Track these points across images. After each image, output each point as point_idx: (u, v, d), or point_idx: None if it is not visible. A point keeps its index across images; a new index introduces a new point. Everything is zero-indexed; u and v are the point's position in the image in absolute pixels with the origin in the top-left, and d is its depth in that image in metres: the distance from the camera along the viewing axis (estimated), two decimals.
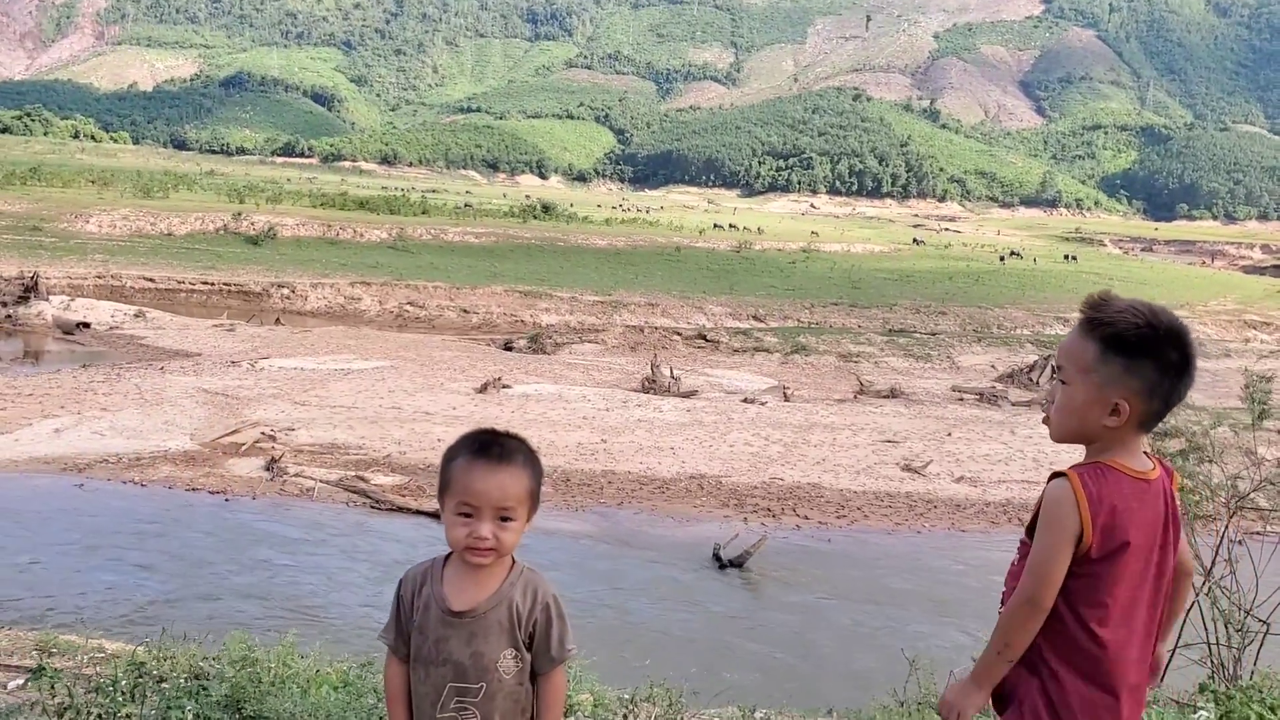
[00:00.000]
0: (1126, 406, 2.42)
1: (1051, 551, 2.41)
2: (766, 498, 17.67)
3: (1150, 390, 2.42)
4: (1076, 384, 2.47)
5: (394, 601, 2.62)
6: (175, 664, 4.79)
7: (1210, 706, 5.01)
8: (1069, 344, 2.52)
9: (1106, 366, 2.43)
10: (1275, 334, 45.82)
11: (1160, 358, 2.41)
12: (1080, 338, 2.48)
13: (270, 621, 10.55)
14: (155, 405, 20.95)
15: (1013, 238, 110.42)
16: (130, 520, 14.60)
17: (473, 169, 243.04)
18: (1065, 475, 2.44)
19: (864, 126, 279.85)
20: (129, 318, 33.19)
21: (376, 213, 67.95)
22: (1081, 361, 2.46)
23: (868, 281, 55.04)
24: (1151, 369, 2.41)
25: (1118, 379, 2.42)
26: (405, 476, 17.25)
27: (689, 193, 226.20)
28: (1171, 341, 2.42)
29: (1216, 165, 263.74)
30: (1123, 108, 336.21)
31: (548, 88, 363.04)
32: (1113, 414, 2.43)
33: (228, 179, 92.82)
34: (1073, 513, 2.39)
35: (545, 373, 28.55)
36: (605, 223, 78.99)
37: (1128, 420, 2.44)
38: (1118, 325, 2.42)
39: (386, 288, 42.33)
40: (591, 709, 4.86)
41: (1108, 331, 2.43)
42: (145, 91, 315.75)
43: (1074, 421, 2.49)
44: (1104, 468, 2.45)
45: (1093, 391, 2.44)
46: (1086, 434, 2.49)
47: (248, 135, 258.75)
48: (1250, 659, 5.81)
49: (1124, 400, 2.42)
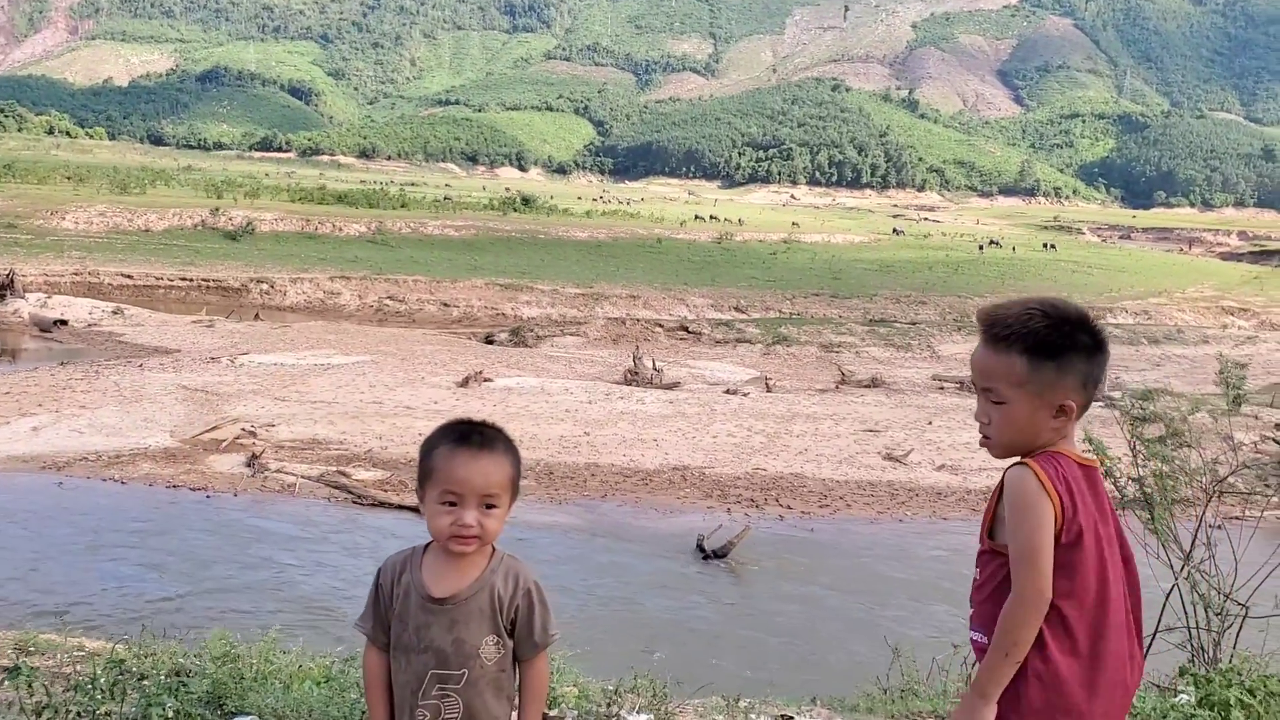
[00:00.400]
0: (1073, 405, 2.44)
1: (1038, 537, 2.37)
2: (749, 488, 17.70)
3: (1084, 381, 2.45)
4: (1015, 400, 2.45)
5: (372, 590, 2.62)
6: (156, 661, 4.76)
7: (1190, 690, 5.05)
8: (990, 364, 2.49)
9: (1040, 374, 2.43)
10: (1252, 320, 46.20)
11: (1081, 347, 2.44)
12: (1000, 354, 2.46)
13: (287, 619, 10.53)
14: (134, 402, 20.82)
15: (992, 227, 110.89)
16: (123, 519, 14.50)
17: (451, 162, 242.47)
18: (1023, 463, 2.43)
19: (843, 117, 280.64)
20: (107, 315, 32.95)
21: (355, 207, 67.68)
22: (1013, 377, 2.45)
23: (848, 272, 55.17)
24: (1079, 360, 2.44)
25: (1054, 382, 2.43)
26: (387, 471, 17.20)
27: (669, 184, 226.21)
28: (1082, 328, 2.45)
29: (1193, 153, 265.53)
30: (1100, 96, 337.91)
31: (526, 80, 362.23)
32: (1059, 415, 2.45)
33: (205, 174, 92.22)
34: (1042, 494, 2.37)
35: (527, 366, 28.51)
36: (586, 215, 78.87)
37: (1074, 416, 2.46)
38: (1036, 332, 2.43)
39: (366, 282, 42.18)
40: (575, 700, 4.86)
41: (1029, 342, 2.43)
42: (120, 87, 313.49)
43: (1022, 436, 2.48)
44: (1053, 454, 2.45)
45: (1034, 401, 2.44)
46: (1035, 443, 2.48)
47: (225, 130, 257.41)
48: (1229, 642, 5.85)
49: (1068, 400, 2.44)
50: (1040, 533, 2.36)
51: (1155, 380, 29.37)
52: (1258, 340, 41.25)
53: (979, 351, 2.52)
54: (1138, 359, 36.03)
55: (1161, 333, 41.48)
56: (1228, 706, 4.67)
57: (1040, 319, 2.43)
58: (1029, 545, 2.37)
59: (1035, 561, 2.36)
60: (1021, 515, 2.39)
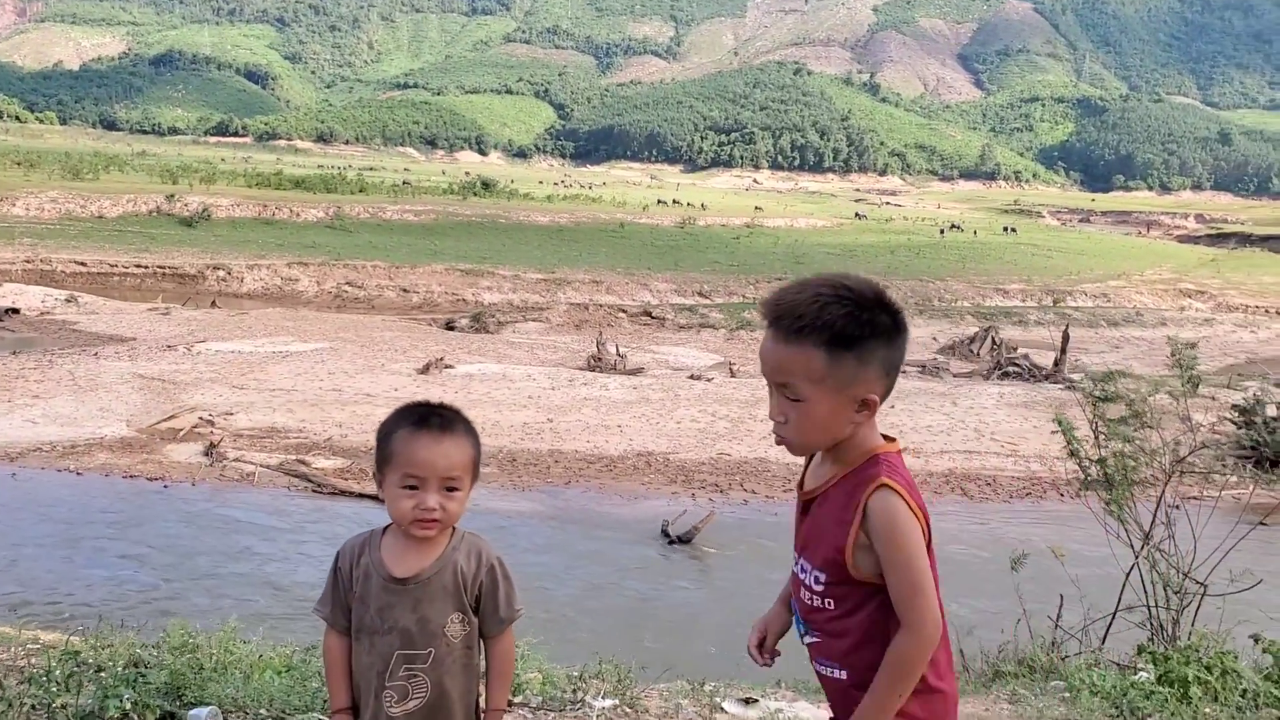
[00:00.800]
0: (875, 398, 2.24)
1: (922, 563, 2.19)
2: (714, 473, 17.73)
3: (885, 368, 2.25)
4: (815, 398, 2.21)
5: (330, 574, 2.59)
6: (113, 653, 4.68)
7: (1149, 667, 5.11)
8: (784, 358, 2.22)
9: (840, 368, 2.19)
10: (1209, 302, 46.87)
11: (881, 332, 2.22)
12: (794, 348, 2.20)
13: (284, 609, 10.50)
14: (90, 391, 20.52)
15: (953, 211, 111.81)
16: (92, 510, 14.31)
17: (410, 146, 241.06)
18: (886, 486, 2.22)
19: (805, 101, 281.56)
20: (60, 303, 32.45)
21: (313, 192, 67.10)
22: (811, 373, 2.19)
23: (811, 256, 55.37)
24: (880, 347, 2.22)
25: (855, 375, 2.20)
26: (347, 459, 17.06)
27: (631, 168, 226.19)
28: (880, 308, 2.24)
29: (1151, 136, 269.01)
30: (1059, 80, 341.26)
31: (486, 63, 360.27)
32: (861, 409, 2.24)
33: (160, 159, 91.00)
34: (911, 516, 2.20)
35: (489, 352, 28.38)
36: (547, 199, 78.62)
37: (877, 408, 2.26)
38: (832, 323, 2.19)
39: (324, 268, 41.79)
40: (540, 687, 4.83)
41: (825, 334, 2.19)
42: (71, 70, 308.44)
43: (823, 435, 2.26)
44: (879, 459, 2.26)
45: (834, 397, 2.21)
46: (836, 436, 2.26)
47: (180, 115, 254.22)
48: (1188, 620, 5.93)
49: (870, 394, 2.23)
50: (922, 558, 2.20)
51: (1115, 362, 29.74)
52: (1214, 322, 41.84)
53: (768, 345, 2.25)
54: (1097, 341, 36.43)
55: (1120, 315, 41.97)
56: (1186, 683, 4.73)
57: (836, 306, 2.19)
58: (919, 577, 2.19)
59: (927, 590, 2.19)
60: (901, 547, 2.19)
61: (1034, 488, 17.68)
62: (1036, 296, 46.32)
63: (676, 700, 5.03)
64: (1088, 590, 6.49)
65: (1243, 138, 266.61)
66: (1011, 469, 18.72)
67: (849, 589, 2.27)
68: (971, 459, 19.21)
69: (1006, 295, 46.23)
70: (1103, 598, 6.55)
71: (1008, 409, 23.49)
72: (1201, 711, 4.58)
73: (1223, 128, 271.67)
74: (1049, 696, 5.10)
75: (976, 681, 5.93)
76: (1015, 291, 47.03)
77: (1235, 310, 45.34)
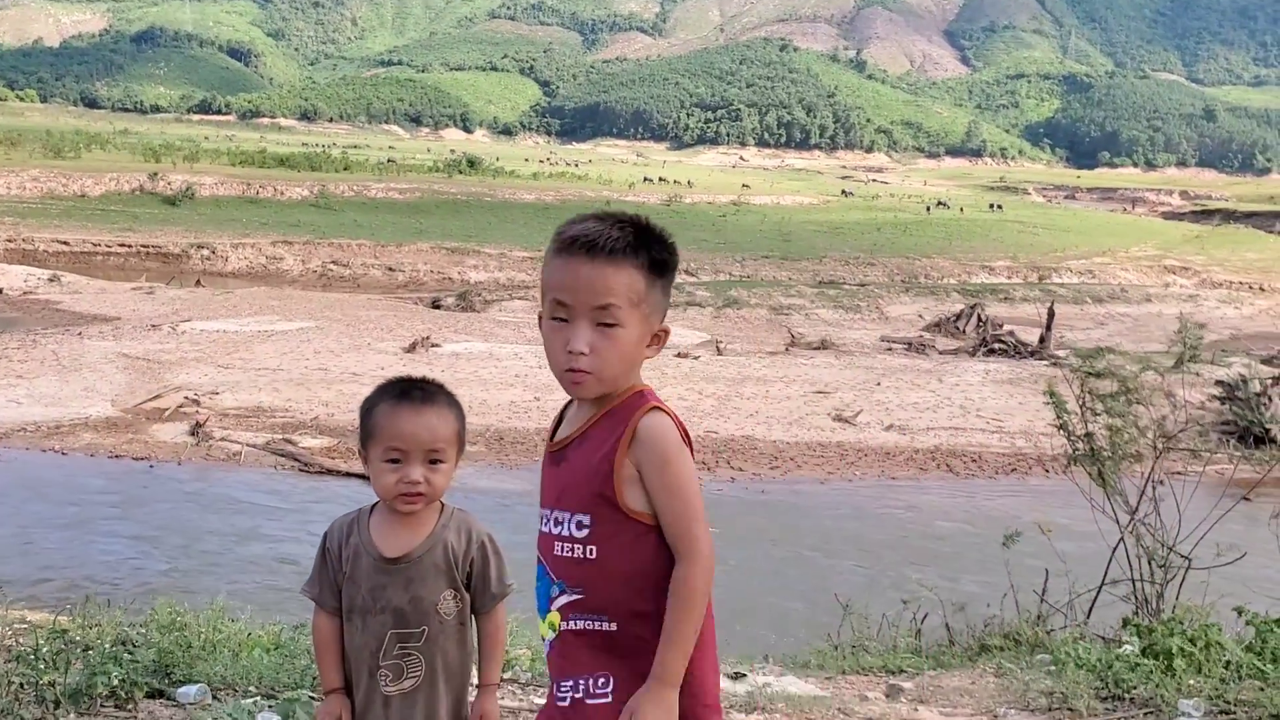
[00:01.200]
0: (666, 332, 2.17)
1: (695, 486, 2.12)
2: (701, 451, 17.74)
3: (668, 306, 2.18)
4: (630, 322, 2.09)
5: (318, 554, 2.58)
6: (101, 631, 4.67)
7: (1134, 640, 5.15)
8: (608, 279, 2.07)
9: (653, 293, 2.11)
10: (1194, 278, 47.03)
11: (674, 267, 2.16)
12: (617, 269, 2.07)
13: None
14: (74, 371, 20.41)
15: (939, 188, 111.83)
16: (90, 491, 14.34)
17: (395, 124, 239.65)
18: (658, 409, 2.12)
19: (791, 78, 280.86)
20: (43, 282, 32.24)
21: (297, 170, 66.61)
22: (633, 294, 2.08)
23: (798, 234, 55.31)
24: (670, 283, 2.16)
25: (659, 304, 2.13)
26: (334, 438, 17.04)
27: (617, 145, 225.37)
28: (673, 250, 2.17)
29: (1136, 113, 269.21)
30: (1045, 56, 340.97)
31: (470, 39, 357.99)
32: (653, 343, 2.15)
33: (143, 137, 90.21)
34: (681, 440, 2.13)
35: (475, 331, 28.32)
36: (533, 177, 78.33)
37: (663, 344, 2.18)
38: (651, 247, 2.11)
39: (309, 247, 41.60)
40: (530, 663, 4.86)
41: (646, 258, 2.10)
42: (52, 47, 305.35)
43: (625, 366, 2.13)
44: (644, 392, 2.17)
45: (643, 325, 2.11)
46: (629, 371, 2.15)
47: (162, 92, 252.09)
48: (1172, 593, 5.98)
49: (664, 327, 2.17)
50: (696, 483, 2.12)
51: (1100, 339, 29.88)
52: (1198, 299, 41.99)
53: (584, 269, 2.07)
54: (1082, 318, 36.55)
55: (1106, 292, 42.10)
56: (1170, 655, 4.77)
57: (648, 233, 2.12)
58: (695, 501, 2.11)
59: (701, 516, 2.11)
60: (677, 471, 2.10)
61: (1019, 464, 17.78)
62: (1022, 273, 46.42)
63: None
64: (1073, 565, 6.53)
65: (1227, 114, 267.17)
66: (997, 445, 18.81)
67: (615, 528, 2.12)
68: (957, 436, 19.29)
69: (992, 272, 46.32)
70: (1088, 573, 6.60)
71: (993, 386, 23.57)
72: (1185, 683, 4.62)
73: (1207, 104, 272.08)
74: (1035, 670, 5.14)
75: (963, 656, 5.98)
76: (1001, 268, 47.12)
77: (1219, 287, 45.50)
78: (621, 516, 2.11)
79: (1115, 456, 6.01)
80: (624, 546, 2.12)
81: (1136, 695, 4.60)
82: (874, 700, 4.95)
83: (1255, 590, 6.31)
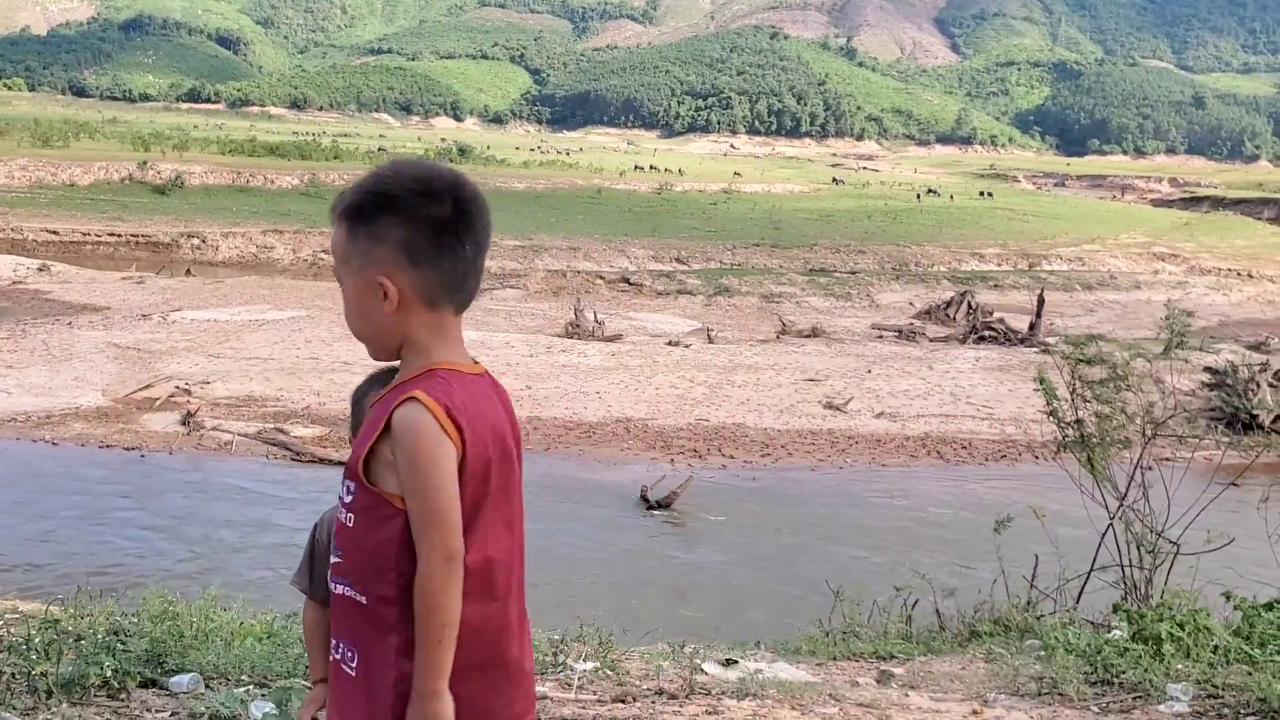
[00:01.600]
0: (388, 282, 2.05)
1: (445, 486, 1.99)
2: (692, 439, 17.79)
3: (408, 252, 2.05)
4: (344, 277, 2.10)
5: (307, 545, 2.61)
6: (93, 621, 4.68)
7: (1124, 625, 5.18)
8: (331, 243, 2.16)
9: (356, 244, 2.07)
10: (1183, 265, 47.10)
11: (405, 210, 2.05)
12: (335, 230, 2.11)
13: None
14: (64, 361, 20.35)
15: (929, 175, 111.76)
16: (98, 480, 14.36)
17: (385, 112, 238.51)
18: (414, 398, 2.02)
19: (782, 65, 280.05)
20: (33, 272, 32.10)
21: (287, 159, 66.33)
22: (338, 251, 2.11)
23: (788, 222, 55.26)
24: (398, 226, 2.04)
25: (369, 254, 2.05)
26: (325, 428, 17.03)
27: (608, 134, 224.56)
28: (416, 189, 2.07)
29: (1126, 101, 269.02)
30: (1035, 44, 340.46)
31: (460, 27, 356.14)
32: (383, 298, 2.06)
33: (131, 126, 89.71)
34: (438, 435, 1.99)
35: (466, 319, 28.15)
36: (524, 165, 78.11)
37: (403, 300, 2.07)
38: (349, 197, 2.09)
39: (300, 235, 41.46)
40: None
41: (343, 207, 2.09)
42: (39, 35, 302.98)
43: (363, 323, 2.12)
44: (435, 373, 2.09)
45: (356, 277, 2.08)
46: (380, 331, 2.11)
47: (151, 81, 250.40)
48: (1161, 579, 6.01)
49: (384, 277, 2.05)
50: (441, 482, 1.99)
51: (1090, 326, 29.94)
52: (1187, 286, 42.11)
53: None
54: (1072, 305, 36.64)
55: (1095, 279, 42.19)
56: (1159, 640, 4.80)
57: (365, 184, 2.09)
58: (433, 502, 1.99)
59: (447, 517, 1.99)
60: (418, 468, 1.99)
61: (1009, 450, 17.84)
62: (1012, 261, 46.46)
63: (657, 662, 5.07)
64: (1063, 551, 6.57)
65: (1216, 101, 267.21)
66: (987, 432, 18.87)
67: (368, 502, 2.06)
68: (947, 423, 19.35)
69: (982, 260, 46.34)
70: (1077, 558, 6.63)
71: (983, 373, 23.63)
72: (1174, 667, 4.65)
73: (1196, 91, 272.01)
74: (1024, 655, 5.17)
75: (953, 641, 6.01)
76: (991, 256, 47.14)
77: (1208, 273, 45.61)
78: (374, 493, 2.05)
79: (1104, 443, 6.04)
80: (373, 523, 2.06)
81: (1125, 680, 4.63)
82: (865, 686, 4.97)
83: (1243, 575, 6.34)
